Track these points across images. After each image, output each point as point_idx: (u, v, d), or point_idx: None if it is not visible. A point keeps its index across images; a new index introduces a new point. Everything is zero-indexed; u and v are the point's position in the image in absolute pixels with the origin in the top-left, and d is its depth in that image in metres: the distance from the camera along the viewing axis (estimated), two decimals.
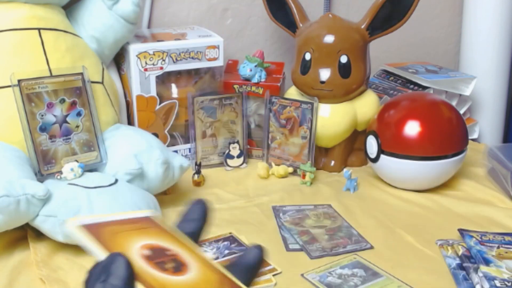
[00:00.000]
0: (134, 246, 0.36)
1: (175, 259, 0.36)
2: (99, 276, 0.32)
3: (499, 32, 1.24)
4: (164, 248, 0.37)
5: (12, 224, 0.67)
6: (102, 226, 0.37)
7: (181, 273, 0.35)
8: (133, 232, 0.37)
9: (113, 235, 0.36)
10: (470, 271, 0.65)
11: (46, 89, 0.77)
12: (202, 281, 0.36)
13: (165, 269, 0.35)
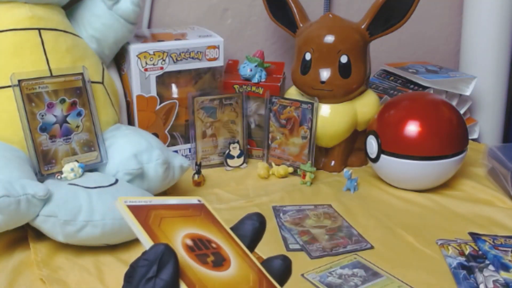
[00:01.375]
0: (178, 234, 0.35)
1: (217, 253, 0.36)
2: (147, 271, 0.31)
3: (499, 32, 1.24)
4: (208, 240, 0.37)
5: (12, 224, 0.67)
6: (150, 209, 0.36)
7: (220, 268, 0.35)
8: (180, 219, 0.37)
9: (159, 220, 0.36)
10: (475, 270, 0.66)
11: (46, 89, 0.77)
12: (240, 279, 0.35)
13: (205, 263, 0.35)
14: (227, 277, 0.35)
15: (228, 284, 0.35)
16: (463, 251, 0.71)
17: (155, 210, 0.36)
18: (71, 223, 0.67)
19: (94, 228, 0.68)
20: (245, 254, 0.37)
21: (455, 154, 0.88)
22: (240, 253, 0.37)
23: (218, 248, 0.36)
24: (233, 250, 0.37)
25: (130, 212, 0.35)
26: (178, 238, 0.35)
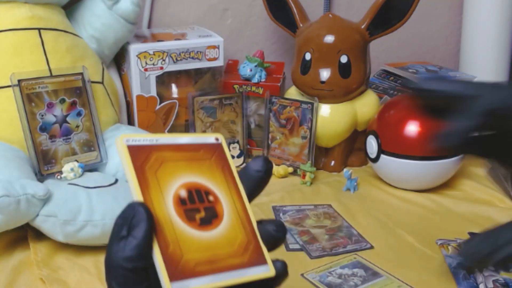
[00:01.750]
0: (174, 183, 0.34)
1: (211, 208, 0.34)
2: (120, 230, 0.31)
3: (499, 32, 1.24)
4: (208, 191, 0.35)
5: (12, 224, 0.67)
6: (153, 150, 0.34)
7: (207, 227, 0.34)
8: (183, 164, 0.35)
9: (158, 165, 0.34)
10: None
11: (46, 89, 0.77)
12: (224, 241, 0.34)
13: (191, 220, 0.33)
14: (210, 238, 0.33)
15: (208, 246, 0.33)
16: None
17: (158, 151, 0.34)
18: (71, 223, 0.67)
19: (94, 228, 0.68)
20: (244, 211, 0.35)
21: (455, 154, 0.88)
22: (239, 209, 0.35)
23: (215, 201, 0.34)
24: (231, 205, 0.35)
25: (128, 153, 0.33)
26: (172, 188, 0.33)
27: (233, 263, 0.33)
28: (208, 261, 0.33)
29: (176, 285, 0.31)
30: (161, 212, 0.32)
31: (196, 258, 0.32)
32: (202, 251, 0.33)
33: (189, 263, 0.32)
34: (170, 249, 0.32)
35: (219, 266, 0.33)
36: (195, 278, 0.32)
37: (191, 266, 0.32)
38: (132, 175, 0.33)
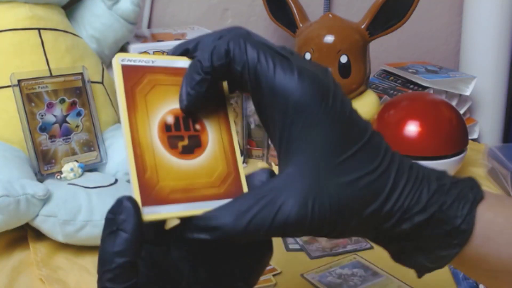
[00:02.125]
0: (163, 108, 0.33)
1: (195, 137, 0.34)
2: (110, 224, 0.33)
3: (499, 32, 1.24)
4: (194, 119, 0.34)
5: (12, 224, 0.67)
6: (148, 72, 0.34)
7: (188, 156, 0.34)
8: (176, 88, 0.34)
9: (150, 87, 0.33)
10: None
11: (46, 89, 0.77)
12: (203, 171, 0.34)
13: (173, 147, 0.33)
14: (189, 167, 0.33)
15: (185, 175, 0.33)
16: None
17: (153, 73, 0.34)
18: (71, 223, 0.67)
19: (94, 228, 0.68)
20: (230, 142, 0.35)
21: (455, 154, 0.88)
22: (224, 140, 0.35)
23: (201, 130, 0.34)
24: (217, 136, 0.35)
25: (121, 73, 0.33)
26: (160, 113, 0.33)
27: (208, 193, 0.33)
28: (183, 189, 0.33)
29: (148, 209, 0.32)
30: (144, 136, 0.32)
31: (171, 186, 0.33)
32: (178, 179, 0.33)
33: (164, 189, 0.32)
34: (147, 175, 0.32)
35: (193, 195, 0.33)
36: (168, 205, 0.32)
37: (166, 192, 0.32)
38: (121, 97, 0.32)
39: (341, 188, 0.33)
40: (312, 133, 0.33)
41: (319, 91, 0.33)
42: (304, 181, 0.33)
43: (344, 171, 0.34)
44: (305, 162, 0.33)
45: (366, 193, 0.34)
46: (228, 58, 0.33)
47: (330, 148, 0.34)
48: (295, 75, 0.33)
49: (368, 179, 0.34)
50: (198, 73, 0.34)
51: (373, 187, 0.34)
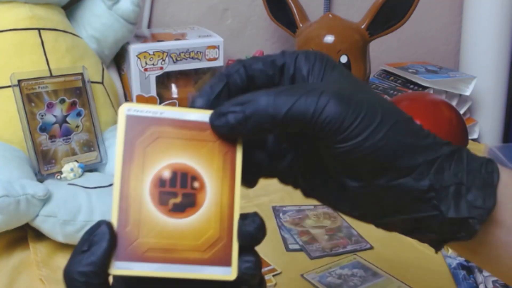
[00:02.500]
0: (161, 162, 0.32)
1: (190, 195, 0.32)
2: (83, 244, 0.32)
3: (499, 32, 1.24)
4: (196, 176, 0.33)
5: (12, 224, 0.67)
6: (153, 123, 0.32)
7: (178, 214, 0.32)
8: (180, 142, 0.33)
9: (152, 140, 0.32)
10: (475, 271, 0.66)
11: (46, 89, 0.77)
12: (190, 233, 0.32)
13: (163, 204, 0.32)
14: (176, 226, 0.32)
15: (170, 234, 0.32)
16: None
17: (158, 126, 0.32)
18: (71, 223, 0.67)
19: None
20: (230, 206, 0.33)
21: None
22: (223, 202, 0.33)
23: (199, 189, 0.33)
24: (217, 197, 0.33)
25: (124, 123, 0.32)
26: (157, 166, 0.32)
27: (190, 257, 0.32)
28: (163, 249, 0.32)
29: (119, 264, 0.31)
30: (134, 189, 0.32)
31: (151, 243, 0.32)
32: (161, 237, 0.32)
33: (142, 246, 0.31)
34: (127, 229, 0.31)
35: (173, 257, 0.32)
36: (142, 263, 0.31)
37: (142, 250, 0.31)
38: (119, 147, 0.32)
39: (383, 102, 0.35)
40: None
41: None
42: (343, 82, 0.35)
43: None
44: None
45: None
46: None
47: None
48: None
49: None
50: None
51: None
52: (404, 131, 0.34)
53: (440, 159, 0.34)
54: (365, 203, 0.37)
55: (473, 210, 0.34)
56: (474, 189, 0.34)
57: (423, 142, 0.34)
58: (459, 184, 0.34)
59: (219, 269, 0.32)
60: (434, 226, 0.35)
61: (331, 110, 0.32)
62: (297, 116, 0.32)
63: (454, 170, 0.34)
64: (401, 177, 0.34)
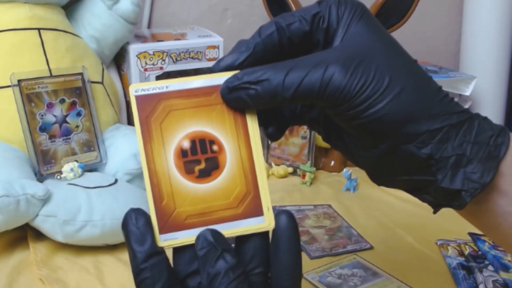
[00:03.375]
0: (178, 134, 0.34)
1: (212, 159, 0.34)
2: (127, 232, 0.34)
3: (499, 32, 1.24)
4: (213, 140, 0.35)
5: (12, 224, 0.67)
6: (162, 99, 0.34)
7: (206, 179, 0.34)
8: (191, 111, 0.34)
9: (165, 115, 0.34)
10: (475, 271, 0.66)
11: (46, 89, 0.77)
12: (220, 193, 0.34)
13: (190, 173, 0.34)
14: (206, 190, 0.34)
15: (202, 199, 0.34)
16: (462, 251, 0.71)
17: (168, 99, 0.34)
18: (71, 223, 0.67)
19: (93, 228, 0.68)
20: (250, 160, 0.35)
21: None
22: (244, 159, 0.35)
23: (219, 151, 0.35)
24: (236, 154, 0.35)
25: (135, 105, 0.34)
26: (175, 139, 0.34)
27: (226, 215, 0.34)
28: (200, 213, 0.34)
29: (164, 237, 0.33)
30: (160, 165, 0.34)
31: (188, 211, 0.34)
32: (195, 203, 0.34)
33: (181, 215, 0.34)
34: (164, 203, 0.33)
35: (210, 219, 0.34)
36: (185, 230, 0.33)
37: (182, 218, 0.34)
38: (137, 129, 0.34)
39: (396, 67, 0.35)
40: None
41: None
42: (360, 41, 0.35)
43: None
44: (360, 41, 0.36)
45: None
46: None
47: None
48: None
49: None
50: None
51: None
52: (410, 98, 0.34)
53: (446, 128, 0.35)
54: (370, 161, 0.38)
55: (467, 183, 0.35)
56: (475, 162, 0.35)
57: (432, 110, 0.35)
58: (460, 155, 0.35)
59: (253, 220, 0.34)
60: (431, 190, 0.37)
61: (335, 84, 0.33)
62: (305, 92, 0.34)
63: (460, 140, 0.35)
64: (403, 144, 0.35)
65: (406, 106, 0.34)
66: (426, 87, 0.35)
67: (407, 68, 0.35)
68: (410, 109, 0.34)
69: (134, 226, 0.33)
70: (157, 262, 0.33)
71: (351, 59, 0.34)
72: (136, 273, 0.33)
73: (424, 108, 0.34)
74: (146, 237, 0.33)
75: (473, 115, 0.36)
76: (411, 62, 0.36)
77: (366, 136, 0.36)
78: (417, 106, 0.34)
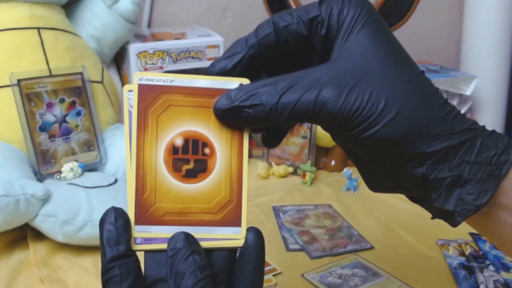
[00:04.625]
0: (173, 130, 0.34)
1: (202, 161, 0.34)
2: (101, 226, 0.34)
3: (499, 31, 1.23)
4: (206, 143, 0.35)
5: (12, 224, 0.67)
6: (165, 91, 0.34)
7: (191, 180, 0.34)
8: (191, 110, 0.34)
9: (164, 108, 0.34)
10: (476, 271, 0.66)
11: (45, 89, 0.77)
12: (202, 197, 0.34)
13: (177, 170, 0.34)
14: (189, 191, 0.34)
15: (184, 199, 0.34)
16: (463, 251, 0.70)
17: (169, 94, 0.34)
18: (70, 223, 0.67)
19: (93, 228, 0.68)
20: (238, 170, 0.35)
21: None
22: (233, 167, 0.35)
23: (210, 155, 0.35)
24: (226, 161, 0.35)
25: (137, 93, 0.34)
26: (169, 134, 0.34)
27: (203, 219, 0.34)
28: (178, 212, 0.34)
29: (139, 228, 0.34)
30: (149, 157, 0.34)
31: (167, 208, 0.34)
32: (176, 202, 0.34)
33: (159, 211, 0.34)
34: (145, 195, 0.33)
35: (187, 219, 0.34)
36: (160, 226, 0.34)
37: (160, 214, 0.34)
38: (133, 117, 0.34)
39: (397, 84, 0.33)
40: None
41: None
42: (359, 56, 0.34)
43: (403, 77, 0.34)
44: (357, 54, 0.34)
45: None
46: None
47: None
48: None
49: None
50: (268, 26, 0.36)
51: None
52: (407, 120, 0.33)
53: (445, 149, 0.34)
54: (368, 174, 0.38)
55: (461, 204, 0.35)
56: (472, 182, 0.34)
57: (432, 130, 0.34)
58: (457, 176, 0.34)
59: (230, 230, 0.34)
60: (427, 205, 0.37)
61: (329, 108, 0.33)
62: (299, 116, 0.33)
63: (458, 160, 0.34)
64: (400, 163, 0.34)
65: (402, 128, 0.33)
66: (427, 105, 0.34)
67: (407, 87, 0.34)
68: (406, 131, 0.33)
69: (112, 225, 0.33)
70: (126, 262, 0.33)
71: (347, 80, 0.33)
72: (105, 270, 0.33)
73: (422, 129, 0.33)
74: (122, 238, 0.33)
75: (477, 133, 0.35)
76: (413, 78, 0.34)
77: (364, 153, 0.36)
78: (415, 127, 0.33)
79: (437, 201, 0.35)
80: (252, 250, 0.34)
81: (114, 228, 0.33)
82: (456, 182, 0.34)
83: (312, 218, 0.81)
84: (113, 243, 0.33)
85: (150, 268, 0.34)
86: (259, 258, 0.34)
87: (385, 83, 0.33)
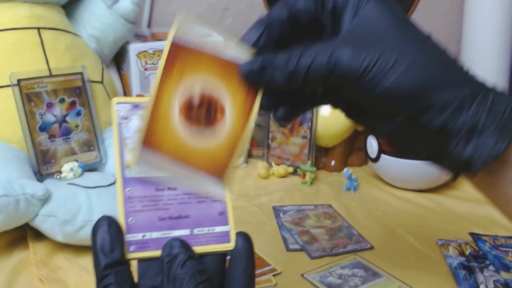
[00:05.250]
0: (193, 90, 0.36)
1: (211, 125, 0.36)
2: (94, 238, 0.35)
3: (500, 31, 1.23)
4: (218, 106, 0.37)
5: (12, 224, 0.67)
6: (193, 54, 0.36)
7: (199, 140, 0.36)
8: (211, 77, 0.37)
9: (190, 67, 0.36)
10: (475, 271, 0.66)
11: (45, 89, 0.77)
12: (203, 156, 0.36)
13: (188, 128, 0.36)
14: (195, 148, 0.36)
15: (185, 147, 0.35)
16: (463, 251, 0.70)
17: (198, 56, 0.36)
18: (70, 222, 0.67)
19: None
20: (240, 135, 0.37)
21: None
22: (237, 133, 0.37)
23: (220, 120, 0.37)
24: (234, 129, 0.37)
25: (169, 47, 0.35)
26: (188, 93, 0.36)
27: (196, 161, 0.36)
28: (178, 152, 0.36)
29: (145, 152, 0.35)
30: (168, 96, 0.35)
31: (169, 145, 0.35)
32: (178, 149, 0.36)
33: (161, 143, 0.35)
34: (160, 124, 0.35)
35: (182, 157, 0.36)
36: (160, 156, 0.35)
37: (161, 145, 0.35)
38: (160, 65, 0.35)
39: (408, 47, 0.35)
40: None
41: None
42: (369, 23, 0.36)
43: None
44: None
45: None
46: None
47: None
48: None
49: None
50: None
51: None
52: (420, 72, 0.35)
53: (459, 99, 0.35)
54: (388, 132, 0.39)
55: (479, 151, 0.36)
56: (488, 131, 0.35)
57: (445, 82, 0.35)
58: (474, 125, 0.35)
59: (213, 180, 0.37)
60: (446, 157, 0.38)
61: (342, 64, 0.35)
62: (314, 76, 0.36)
63: (473, 110, 0.35)
64: (417, 115, 0.36)
65: (416, 80, 0.35)
66: (439, 60, 0.36)
67: (418, 44, 0.36)
68: (420, 83, 0.35)
69: (106, 232, 0.33)
70: (121, 269, 0.33)
71: (358, 41, 0.35)
72: (100, 278, 0.33)
73: (435, 81, 0.35)
74: (116, 245, 0.33)
75: (489, 88, 0.36)
76: (422, 38, 0.36)
77: (383, 108, 0.37)
78: (428, 79, 0.35)
79: (455, 150, 0.36)
80: (242, 252, 0.36)
81: (108, 235, 0.33)
82: (473, 131, 0.35)
83: (312, 218, 0.81)
84: (107, 250, 0.33)
85: (144, 276, 0.35)
86: (249, 260, 0.36)
87: (396, 40, 0.35)
